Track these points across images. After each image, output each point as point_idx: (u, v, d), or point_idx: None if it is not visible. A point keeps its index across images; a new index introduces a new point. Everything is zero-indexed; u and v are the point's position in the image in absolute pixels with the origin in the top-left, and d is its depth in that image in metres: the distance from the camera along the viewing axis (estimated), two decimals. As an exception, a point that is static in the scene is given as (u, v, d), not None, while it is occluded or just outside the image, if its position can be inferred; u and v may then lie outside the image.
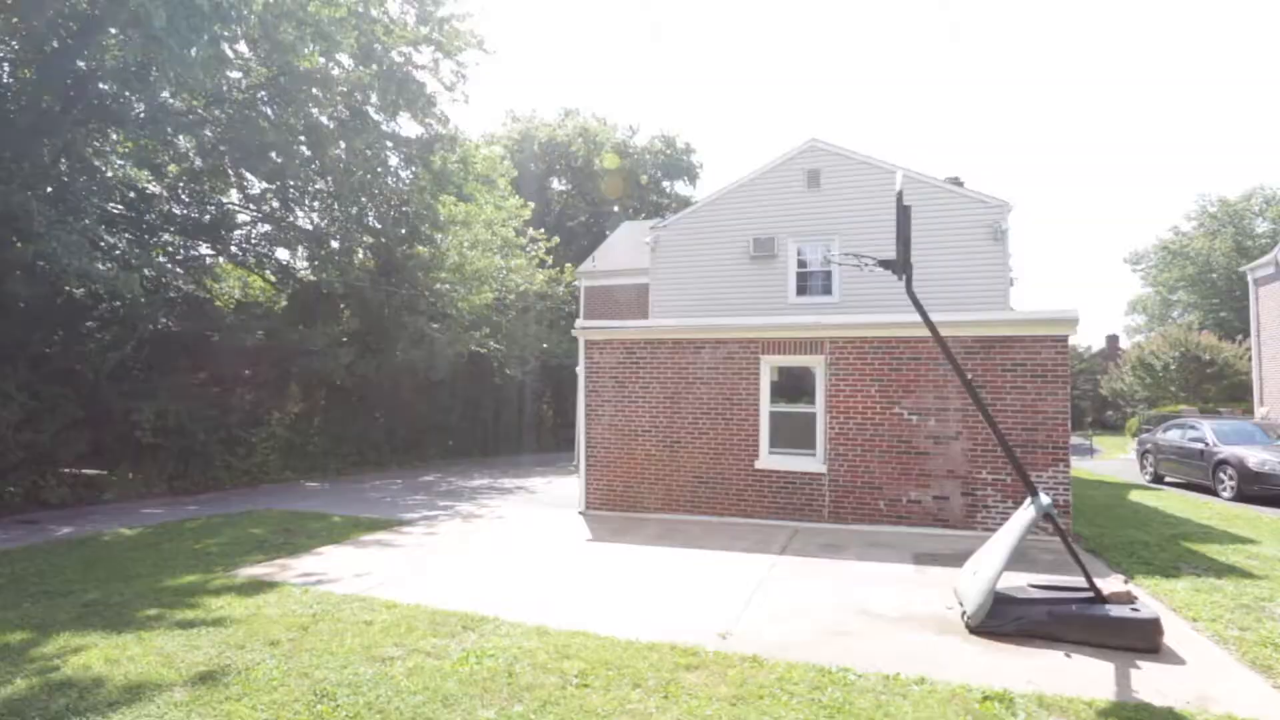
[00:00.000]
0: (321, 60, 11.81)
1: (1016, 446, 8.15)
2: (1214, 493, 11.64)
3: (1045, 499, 4.94)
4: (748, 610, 5.32)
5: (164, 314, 11.23)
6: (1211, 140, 73.25)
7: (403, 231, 14.37)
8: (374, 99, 13.07)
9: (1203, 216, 45.61)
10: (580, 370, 10.22)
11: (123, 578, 6.31)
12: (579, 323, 10.24)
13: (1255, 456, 10.98)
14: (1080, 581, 5.28)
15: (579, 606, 5.41)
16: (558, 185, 34.93)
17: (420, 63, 14.82)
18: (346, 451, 16.31)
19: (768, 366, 9.34)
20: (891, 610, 5.32)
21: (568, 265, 21.30)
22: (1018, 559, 7.03)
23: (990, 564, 4.94)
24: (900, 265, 5.61)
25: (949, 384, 8.43)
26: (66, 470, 11.20)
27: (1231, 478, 11.24)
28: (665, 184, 36.18)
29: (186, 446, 12.28)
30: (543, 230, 22.78)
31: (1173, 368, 27.16)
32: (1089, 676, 4.03)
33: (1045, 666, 4.19)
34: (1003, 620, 4.74)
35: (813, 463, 9.01)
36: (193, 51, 9.06)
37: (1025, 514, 5.02)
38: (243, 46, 11.60)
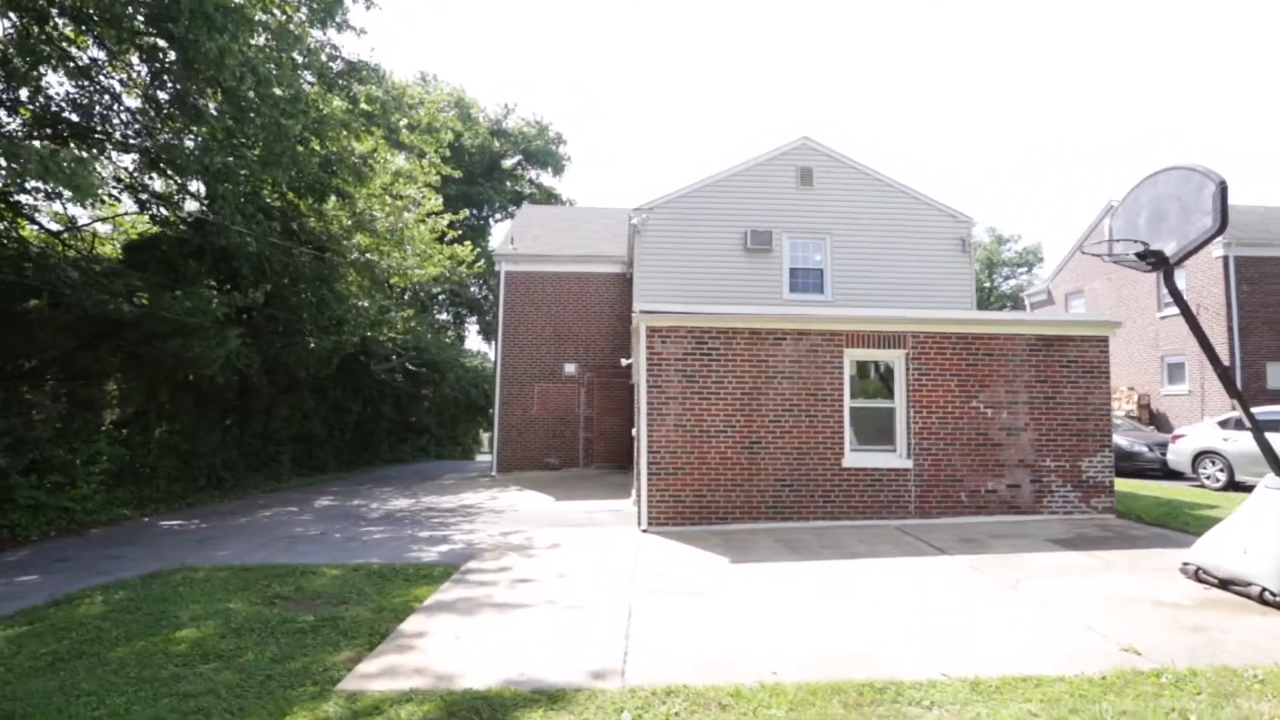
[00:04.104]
0: None
1: (1073, 435, 8.99)
2: (1087, 470, 14.36)
3: (1316, 477, 5.34)
4: (1072, 618, 4.83)
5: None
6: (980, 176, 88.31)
7: (327, 178, 10.57)
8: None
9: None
10: (639, 362, 8.72)
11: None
12: (638, 306, 8.74)
13: (1125, 439, 13.85)
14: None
15: (920, 647, 4.40)
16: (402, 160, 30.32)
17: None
18: (195, 474, 11.79)
19: (849, 360, 8.98)
20: (1183, 598, 5.31)
21: (467, 243, 18.34)
22: (1075, 539, 7.74)
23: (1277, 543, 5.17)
24: (1167, 257, 5.65)
25: (1017, 379, 8.97)
26: None
27: (1107, 457, 14.02)
28: (532, 173, 33.73)
29: (-28, 477, 7.56)
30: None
31: None
32: None
33: None
34: (1309, 596, 4.98)
35: (896, 458, 8.87)
36: None
37: (1291, 493, 5.35)
38: None
